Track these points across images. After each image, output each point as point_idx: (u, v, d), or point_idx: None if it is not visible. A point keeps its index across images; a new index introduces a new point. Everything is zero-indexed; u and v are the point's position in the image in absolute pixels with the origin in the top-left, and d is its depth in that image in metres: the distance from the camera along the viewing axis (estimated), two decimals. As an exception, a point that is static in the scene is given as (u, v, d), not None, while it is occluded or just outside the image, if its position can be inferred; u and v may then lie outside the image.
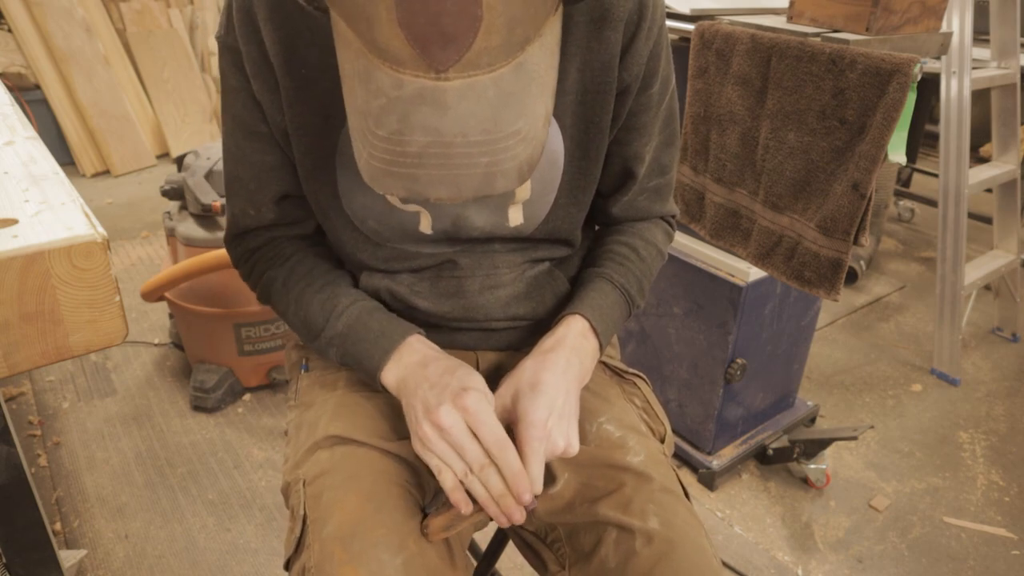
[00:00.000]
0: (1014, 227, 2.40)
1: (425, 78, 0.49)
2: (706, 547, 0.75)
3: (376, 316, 0.78)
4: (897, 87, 1.17)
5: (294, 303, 0.82)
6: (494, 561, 1.03)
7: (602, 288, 0.84)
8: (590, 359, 0.79)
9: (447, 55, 0.48)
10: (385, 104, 0.51)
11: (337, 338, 0.78)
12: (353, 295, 0.80)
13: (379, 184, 0.54)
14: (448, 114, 0.50)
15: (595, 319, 0.80)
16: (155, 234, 3.09)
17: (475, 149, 0.52)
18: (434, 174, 0.52)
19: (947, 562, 1.64)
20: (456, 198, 0.54)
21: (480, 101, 0.50)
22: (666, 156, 0.88)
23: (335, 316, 0.78)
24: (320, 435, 0.80)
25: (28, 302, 0.54)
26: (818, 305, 1.85)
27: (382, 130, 0.52)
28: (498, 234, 0.81)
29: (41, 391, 2.10)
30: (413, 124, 0.51)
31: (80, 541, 1.61)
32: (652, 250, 0.89)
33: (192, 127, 4.00)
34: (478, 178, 0.53)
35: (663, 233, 0.92)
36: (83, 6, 3.69)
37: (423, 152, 0.52)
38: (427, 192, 0.53)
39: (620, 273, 0.85)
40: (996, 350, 2.51)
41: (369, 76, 0.51)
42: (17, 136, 0.77)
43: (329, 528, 0.70)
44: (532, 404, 0.70)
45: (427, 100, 0.50)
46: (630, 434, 0.84)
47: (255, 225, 0.84)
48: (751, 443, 1.85)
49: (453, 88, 0.50)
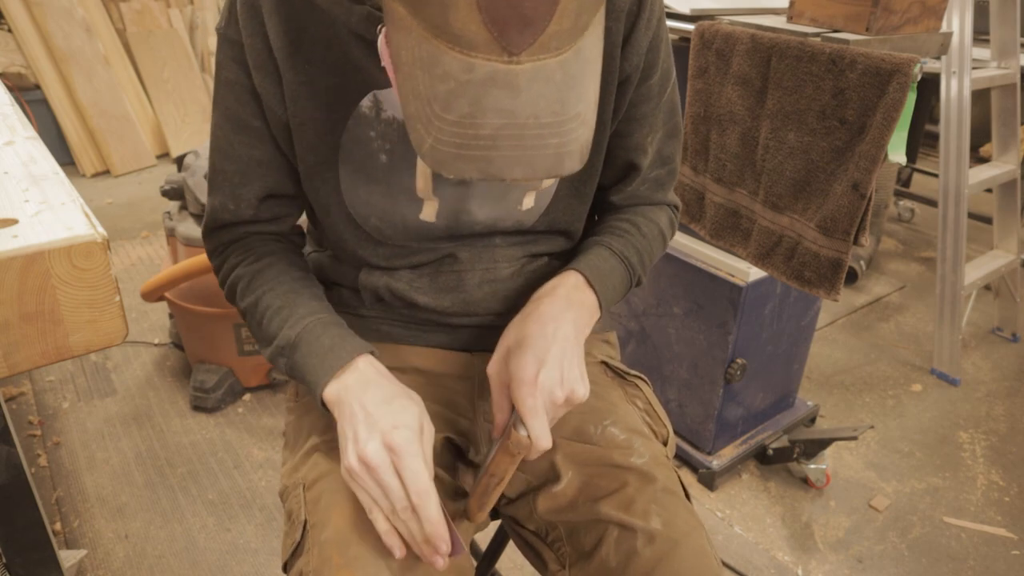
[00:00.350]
0: (1014, 227, 2.40)
1: (497, 61, 0.50)
2: (707, 548, 0.75)
3: (330, 331, 0.74)
4: (897, 87, 1.17)
5: (253, 306, 0.79)
6: (494, 561, 1.03)
7: (599, 252, 0.82)
8: (587, 312, 0.77)
9: (523, 38, 0.49)
10: (454, 88, 0.51)
11: (288, 348, 0.74)
12: (312, 306, 0.77)
13: (449, 168, 0.54)
14: (520, 96, 0.51)
15: (591, 275, 0.78)
16: (155, 234, 3.09)
17: (545, 131, 0.53)
18: (509, 155, 0.53)
19: (947, 562, 1.64)
20: (530, 178, 0.54)
21: (549, 84, 0.52)
22: (668, 148, 0.88)
23: (288, 325, 0.75)
24: (320, 438, 0.80)
25: (28, 302, 0.54)
26: (818, 305, 1.85)
27: (451, 114, 0.52)
28: (499, 227, 0.82)
29: (41, 391, 2.10)
30: (486, 107, 0.51)
31: (80, 541, 1.61)
32: (653, 228, 0.87)
33: (192, 127, 4.00)
34: (549, 159, 0.54)
35: (666, 217, 0.91)
36: (83, 6, 3.69)
37: (497, 134, 0.52)
38: (503, 173, 0.54)
39: (619, 243, 0.84)
40: (996, 350, 2.51)
41: (435, 61, 0.51)
42: (17, 136, 0.77)
43: (327, 532, 0.70)
44: (519, 361, 0.69)
45: (499, 83, 0.51)
46: (635, 437, 0.84)
47: (232, 220, 0.83)
48: (751, 443, 1.85)
49: (524, 71, 0.51)
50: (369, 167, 0.77)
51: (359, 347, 0.73)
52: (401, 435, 0.65)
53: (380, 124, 0.75)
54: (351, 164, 0.77)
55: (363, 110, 0.75)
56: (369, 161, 0.76)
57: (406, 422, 0.66)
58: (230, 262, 0.84)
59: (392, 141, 0.76)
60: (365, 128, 0.75)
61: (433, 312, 0.85)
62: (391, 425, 0.65)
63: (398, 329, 0.88)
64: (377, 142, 0.76)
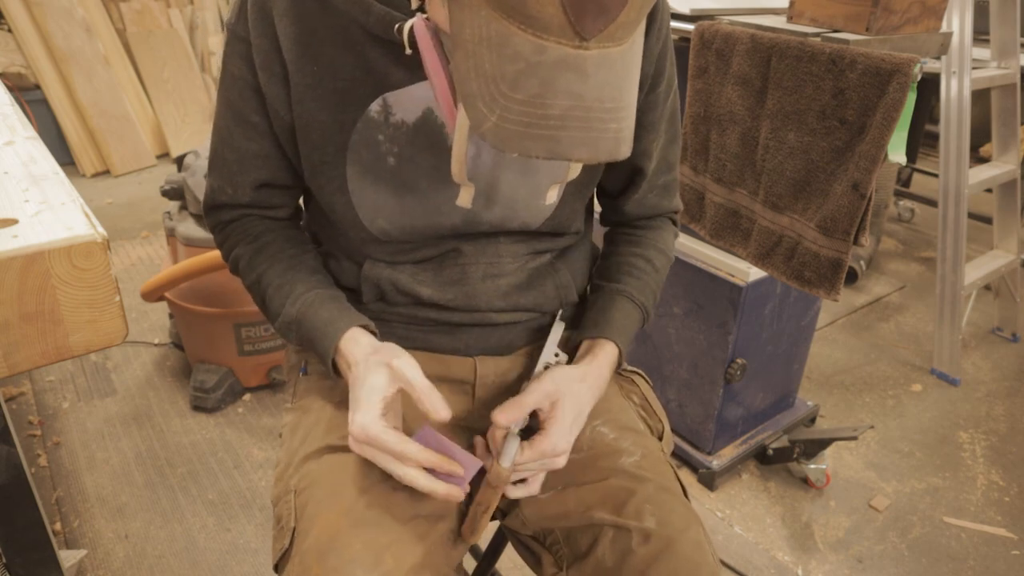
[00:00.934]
0: (1014, 227, 2.40)
1: (568, 46, 0.52)
2: (704, 544, 0.75)
3: (326, 306, 0.80)
4: (897, 87, 1.17)
5: (256, 283, 0.84)
6: (494, 561, 1.03)
7: (625, 308, 0.88)
8: (608, 380, 0.85)
9: (596, 25, 0.51)
10: (524, 68, 0.52)
11: (293, 324, 0.80)
12: (311, 282, 0.82)
13: (514, 146, 0.55)
14: (588, 81, 0.53)
15: (623, 343, 0.85)
16: (155, 234, 3.09)
17: (607, 115, 0.55)
18: (575, 136, 0.54)
19: (947, 562, 1.64)
20: (593, 159, 0.56)
21: (612, 71, 0.54)
22: (672, 153, 0.91)
23: (290, 302, 0.80)
24: (315, 446, 0.80)
25: (28, 302, 0.54)
26: (818, 305, 1.85)
27: (520, 93, 0.53)
28: (505, 227, 0.82)
29: (41, 391, 2.10)
30: (556, 89, 0.53)
31: (80, 541, 1.61)
32: (663, 259, 0.93)
33: (192, 127, 4.00)
34: (610, 142, 0.56)
35: (672, 236, 0.96)
36: (83, 6, 3.69)
37: (566, 115, 0.53)
38: (569, 153, 0.55)
39: (639, 290, 0.89)
40: (996, 350, 2.51)
41: (505, 41, 0.52)
42: (17, 136, 0.77)
43: (308, 542, 0.70)
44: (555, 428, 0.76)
45: (570, 66, 0.52)
46: (626, 434, 0.84)
47: (229, 202, 0.86)
48: (751, 443, 1.85)
49: (591, 57, 0.52)
50: (377, 169, 0.77)
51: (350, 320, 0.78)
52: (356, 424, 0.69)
53: (389, 128, 0.75)
54: (359, 166, 0.77)
55: (372, 114, 0.75)
56: (377, 164, 0.77)
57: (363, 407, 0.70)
58: (230, 240, 0.88)
59: (400, 144, 0.76)
60: (374, 132, 0.76)
61: (435, 307, 0.85)
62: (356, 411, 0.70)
63: (400, 331, 0.88)
64: (385, 145, 0.76)
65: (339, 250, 0.88)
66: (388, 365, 0.71)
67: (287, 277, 0.82)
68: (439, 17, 0.61)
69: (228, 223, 0.89)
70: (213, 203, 0.88)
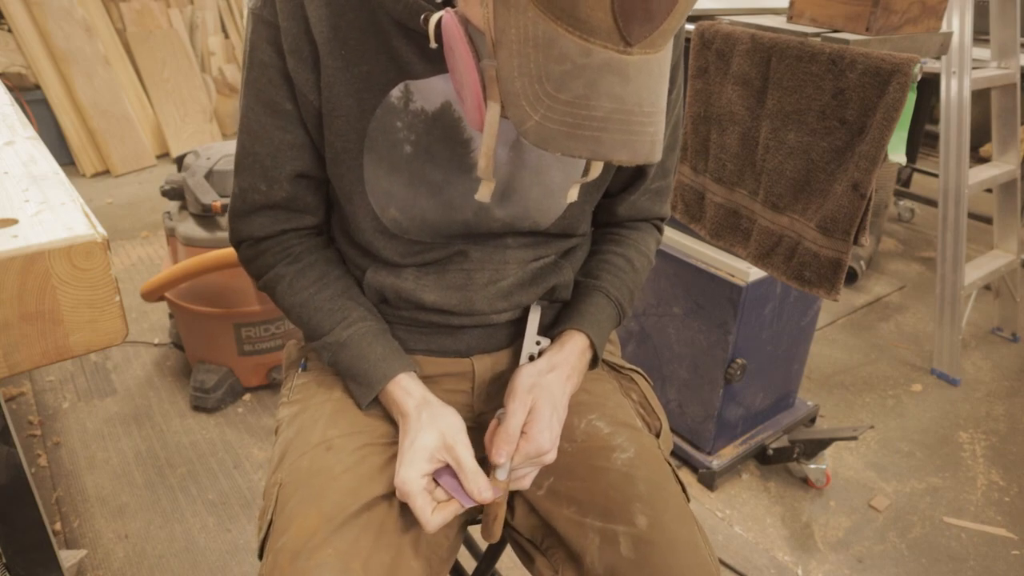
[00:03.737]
0: (1014, 227, 2.40)
1: (613, 50, 0.53)
2: (698, 543, 0.75)
3: (380, 340, 0.83)
4: (897, 87, 1.17)
5: (300, 304, 0.84)
6: (494, 561, 1.03)
7: (599, 303, 0.89)
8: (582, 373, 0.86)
9: (642, 31, 0.52)
10: (570, 70, 0.53)
11: (338, 346, 0.82)
12: (363, 311, 0.84)
13: (557, 145, 0.56)
14: (630, 85, 0.54)
15: (594, 335, 0.86)
16: (155, 234, 3.09)
17: (646, 119, 0.56)
18: (616, 138, 0.56)
19: (947, 562, 1.64)
20: (632, 161, 0.57)
21: (651, 77, 0.55)
22: (670, 160, 0.92)
23: (342, 326, 0.82)
24: (310, 442, 0.80)
25: (28, 302, 0.54)
26: (818, 305, 1.85)
27: (564, 94, 0.54)
28: (515, 227, 0.82)
29: (41, 391, 2.10)
30: (600, 91, 0.54)
31: (80, 541, 1.61)
32: (644, 261, 0.95)
33: (192, 127, 4.00)
34: (647, 145, 0.57)
35: (655, 241, 0.98)
36: (83, 6, 3.69)
37: (608, 117, 0.55)
38: (610, 155, 0.56)
39: (615, 286, 0.90)
40: (996, 350, 2.51)
41: (551, 42, 0.53)
42: (17, 136, 0.77)
43: (283, 540, 0.71)
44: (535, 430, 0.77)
45: (613, 70, 0.54)
46: (621, 430, 0.84)
47: (263, 203, 0.83)
48: (751, 443, 1.85)
49: (633, 62, 0.54)
50: (393, 157, 0.77)
51: (401, 364, 0.82)
52: (406, 483, 0.73)
53: (407, 115, 0.75)
54: (375, 153, 0.77)
55: (392, 100, 0.74)
56: (393, 151, 0.76)
57: (409, 459, 0.74)
58: (267, 259, 0.86)
59: (417, 132, 0.76)
60: (392, 118, 0.75)
61: (438, 312, 0.85)
62: (401, 465, 0.74)
63: (401, 333, 0.88)
64: (403, 132, 0.76)
65: (346, 256, 0.88)
66: (441, 433, 0.75)
67: (339, 303, 0.84)
68: (473, 13, 0.60)
69: (262, 240, 0.86)
70: (244, 207, 0.84)
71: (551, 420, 0.77)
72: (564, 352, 0.84)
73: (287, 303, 0.86)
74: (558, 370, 0.81)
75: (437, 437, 0.75)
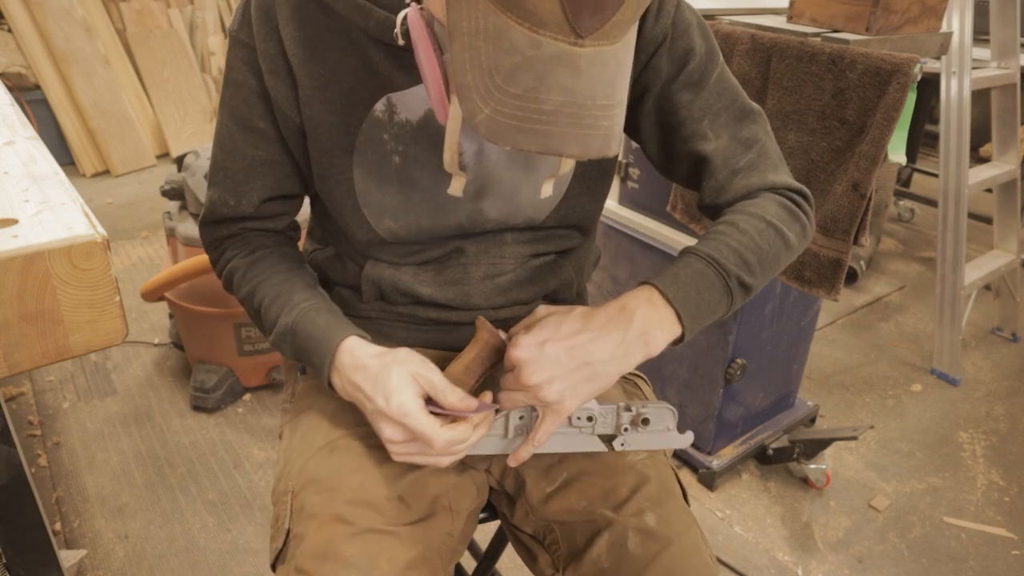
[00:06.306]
0: (1014, 227, 2.40)
1: (564, 42, 0.52)
2: (701, 545, 0.76)
3: (322, 315, 0.77)
4: (897, 87, 1.17)
5: (250, 295, 0.83)
6: (494, 561, 1.03)
7: (682, 260, 0.74)
8: (656, 326, 0.69)
9: (592, 23, 0.52)
10: (520, 62, 0.53)
11: (288, 333, 0.78)
12: (306, 294, 0.80)
13: (507, 139, 0.55)
14: (582, 78, 0.54)
15: (665, 285, 0.70)
16: (155, 234, 3.09)
17: (599, 112, 0.55)
18: (567, 132, 0.55)
19: (947, 562, 1.64)
20: (583, 155, 0.56)
21: (604, 69, 0.54)
22: (744, 131, 0.80)
23: (285, 312, 0.78)
24: (314, 446, 0.80)
25: (28, 302, 0.54)
26: (818, 305, 1.85)
27: (514, 87, 0.54)
28: (511, 224, 0.82)
29: (41, 391, 2.10)
30: (550, 84, 0.53)
31: (80, 541, 1.61)
32: (758, 222, 0.75)
33: (192, 127, 4.00)
34: (600, 139, 0.56)
35: (778, 206, 0.78)
36: (83, 6, 3.69)
37: (558, 111, 0.54)
38: (560, 148, 0.55)
39: (709, 246, 0.74)
40: (996, 350, 2.51)
41: (501, 34, 0.53)
42: (17, 136, 0.77)
43: (304, 546, 0.71)
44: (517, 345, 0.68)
45: (564, 62, 0.53)
46: None
47: (231, 215, 0.84)
48: (751, 443, 1.85)
49: (585, 54, 0.53)
50: (383, 169, 0.77)
51: (344, 331, 0.76)
52: (394, 404, 0.68)
53: (393, 127, 0.76)
54: (365, 167, 0.77)
55: (376, 114, 0.75)
56: (383, 163, 0.77)
57: (395, 386, 0.69)
58: (227, 255, 0.86)
59: (405, 143, 0.76)
60: (379, 131, 0.76)
61: (434, 306, 0.85)
62: (386, 401, 0.69)
63: (397, 330, 0.88)
64: (391, 144, 0.76)
65: (344, 251, 0.88)
66: (411, 363, 0.71)
67: (283, 288, 0.80)
68: (436, 7, 0.61)
69: (225, 239, 0.87)
70: (213, 217, 0.85)
71: (544, 344, 0.67)
72: (613, 302, 0.71)
73: (241, 295, 0.84)
74: (582, 311, 0.70)
75: (412, 366, 0.70)
